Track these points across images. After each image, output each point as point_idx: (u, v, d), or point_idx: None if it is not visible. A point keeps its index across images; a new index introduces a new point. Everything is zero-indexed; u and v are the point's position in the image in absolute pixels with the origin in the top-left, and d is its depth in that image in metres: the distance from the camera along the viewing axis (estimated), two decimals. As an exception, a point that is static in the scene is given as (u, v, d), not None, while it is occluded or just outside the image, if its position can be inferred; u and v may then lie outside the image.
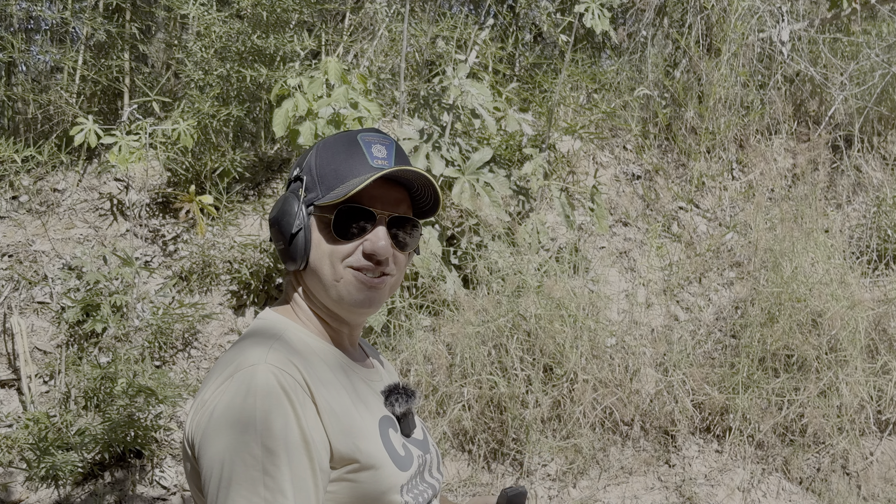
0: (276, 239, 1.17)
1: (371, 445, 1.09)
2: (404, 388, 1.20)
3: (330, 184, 1.14)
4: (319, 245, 1.15)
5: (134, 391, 3.30)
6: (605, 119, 4.89)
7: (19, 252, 3.90)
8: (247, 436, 0.99)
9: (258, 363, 1.03)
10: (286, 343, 1.10)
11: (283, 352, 1.07)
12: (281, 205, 1.16)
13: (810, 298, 3.95)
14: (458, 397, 3.62)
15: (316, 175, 1.15)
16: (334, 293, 1.15)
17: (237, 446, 0.99)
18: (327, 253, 1.14)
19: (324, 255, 1.15)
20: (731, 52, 4.81)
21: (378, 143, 1.17)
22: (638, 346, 3.89)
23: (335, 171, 1.14)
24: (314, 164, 1.16)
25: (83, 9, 4.34)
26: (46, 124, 4.43)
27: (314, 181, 1.15)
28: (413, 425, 1.22)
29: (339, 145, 1.16)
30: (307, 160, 1.17)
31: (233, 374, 1.03)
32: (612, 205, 4.64)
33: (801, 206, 4.51)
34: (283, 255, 1.17)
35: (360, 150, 1.15)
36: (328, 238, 1.14)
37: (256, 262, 3.97)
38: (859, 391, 3.82)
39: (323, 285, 1.16)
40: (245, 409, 1.00)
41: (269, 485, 0.98)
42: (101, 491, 3.38)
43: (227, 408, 1.01)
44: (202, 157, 4.15)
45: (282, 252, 1.17)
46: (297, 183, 1.17)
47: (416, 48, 4.87)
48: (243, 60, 4.16)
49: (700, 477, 3.78)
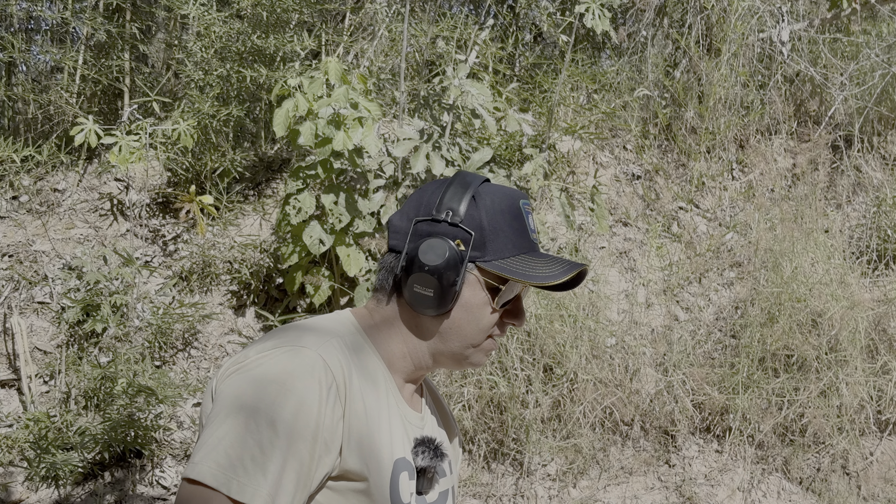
0: (426, 285, 1.12)
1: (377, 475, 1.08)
2: (436, 446, 1.18)
3: (499, 250, 1.13)
4: (474, 308, 1.14)
5: (134, 391, 3.30)
6: (605, 119, 4.90)
7: (19, 252, 3.90)
8: (262, 404, 0.99)
9: (310, 347, 1.04)
10: (347, 346, 1.10)
11: (339, 352, 1.07)
12: (444, 254, 1.11)
13: (810, 298, 3.95)
14: (458, 397, 3.63)
15: (487, 235, 1.13)
16: (461, 353, 1.17)
17: (248, 409, 0.99)
18: (479, 319, 1.15)
19: (474, 319, 1.14)
20: (731, 52, 4.81)
21: (530, 214, 1.19)
22: (638, 346, 3.89)
23: (506, 239, 1.14)
24: (485, 224, 1.13)
25: (83, 9, 4.34)
26: (46, 124, 4.43)
27: (483, 241, 1.13)
28: (430, 487, 1.19)
29: (506, 210, 1.15)
30: (471, 213, 1.13)
31: (282, 346, 1.04)
32: (612, 205, 4.65)
33: (801, 206, 4.51)
34: (423, 301, 1.13)
35: (522, 221, 1.17)
36: (486, 303, 1.14)
37: (256, 263, 3.97)
38: (859, 391, 3.82)
39: (455, 343, 1.16)
40: (275, 379, 1.01)
41: (257, 458, 0.98)
42: (101, 491, 3.38)
43: (259, 371, 1.02)
44: (202, 157, 4.15)
45: (425, 298, 1.13)
46: (456, 230, 1.13)
47: (416, 48, 4.87)
48: (243, 60, 4.16)
49: (700, 477, 3.78)
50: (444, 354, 1.17)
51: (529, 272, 1.12)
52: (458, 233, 1.13)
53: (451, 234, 1.13)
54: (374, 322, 1.18)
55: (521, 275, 1.12)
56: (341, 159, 3.51)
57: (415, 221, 1.15)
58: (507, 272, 1.12)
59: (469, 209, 1.13)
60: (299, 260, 3.58)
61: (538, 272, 1.13)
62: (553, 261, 1.15)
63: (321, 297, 3.58)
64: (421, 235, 1.14)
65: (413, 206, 1.17)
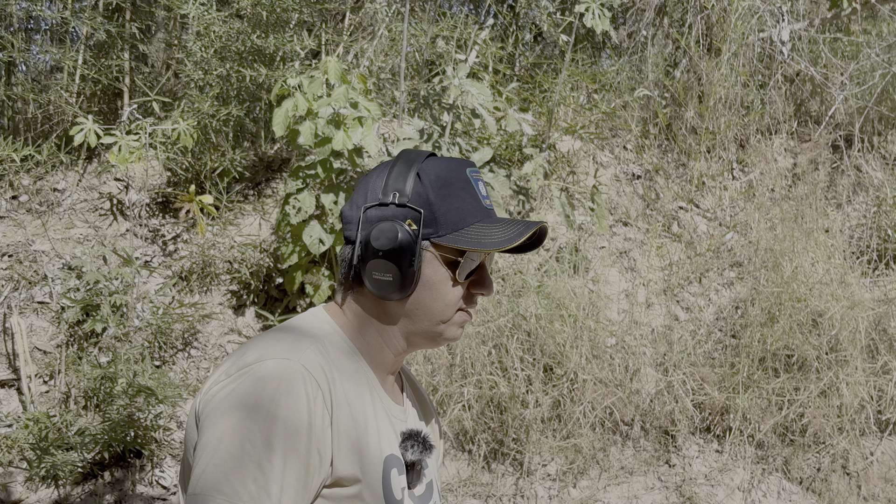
0: (383, 270, 1.11)
1: (370, 476, 1.08)
2: (423, 439, 1.19)
3: (452, 224, 1.12)
4: (436, 285, 1.13)
5: (134, 391, 3.30)
6: (605, 119, 4.89)
7: (19, 252, 3.90)
8: (253, 424, 0.99)
9: (291, 359, 1.03)
10: (324, 349, 1.09)
11: (319, 358, 1.06)
12: (396, 237, 1.10)
13: (810, 298, 3.94)
14: (458, 397, 3.62)
15: (437, 212, 1.11)
16: (434, 331, 1.15)
17: (241, 431, 0.99)
18: (444, 294, 1.13)
19: (439, 296, 1.13)
20: (732, 52, 4.81)
21: (480, 181, 1.17)
22: (638, 346, 3.88)
23: (458, 212, 1.12)
24: (433, 200, 1.11)
25: (83, 8, 4.34)
26: (46, 124, 4.43)
27: (433, 218, 1.11)
28: (419, 479, 1.20)
29: (452, 182, 1.14)
30: (417, 190, 1.12)
31: (262, 360, 1.03)
32: (613, 205, 4.64)
33: (801, 206, 4.51)
34: (384, 287, 1.12)
35: (472, 190, 1.15)
36: (448, 279, 1.13)
37: (256, 262, 3.97)
38: (859, 391, 3.82)
39: (424, 322, 1.15)
40: (262, 398, 1.00)
41: (259, 480, 0.98)
42: (100, 491, 3.38)
43: (245, 391, 1.01)
44: (202, 157, 4.15)
45: (383, 283, 1.12)
46: (404, 211, 1.11)
47: (416, 48, 4.87)
48: (243, 60, 4.16)
49: (700, 477, 3.78)
50: (416, 335, 1.16)
51: (485, 239, 1.11)
52: (408, 213, 1.11)
53: (400, 215, 1.11)
54: (347, 318, 1.18)
55: (476, 243, 1.11)
56: (341, 159, 3.50)
57: (364, 209, 1.13)
58: (463, 243, 1.11)
59: (415, 187, 1.12)
60: (299, 260, 3.58)
61: (494, 237, 1.11)
62: (509, 224, 1.14)
63: (321, 297, 3.58)
64: (371, 222, 1.12)
65: (361, 194, 1.16)
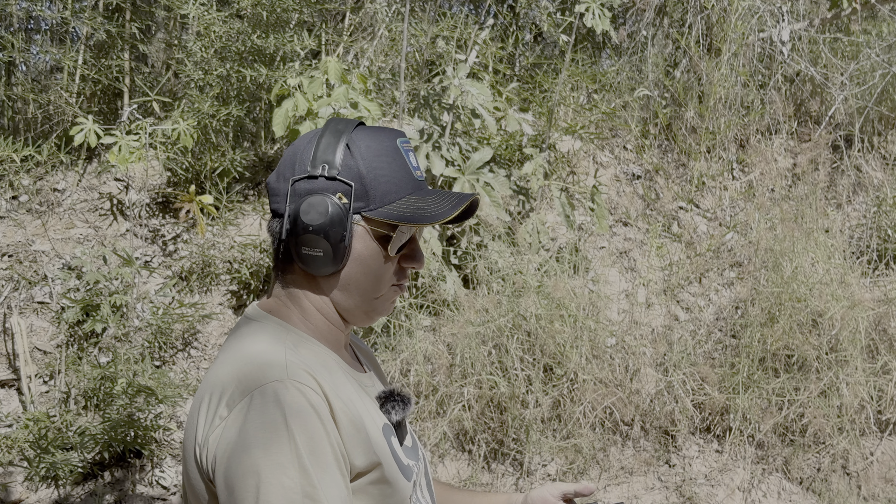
0: (313, 245, 1.08)
1: (383, 454, 1.08)
2: (400, 395, 1.17)
3: (383, 197, 1.09)
4: (367, 259, 1.10)
5: (134, 391, 3.30)
6: (605, 119, 4.89)
7: (19, 252, 3.90)
8: (281, 457, 0.96)
9: (281, 379, 1.00)
10: (297, 353, 1.07)
11: (300, 364, 1.03)
12: (326, 210, 1.07)
13: (810, 298, 3.94)
14: (458, 397, 3.62)
15: (368, 185, 1.09)
16: (367, 307, 1.13)
17: (273, 469, 0.95)
18: (375, 269, 1.11)
19: (370, 270, 1.11)
20: (732, 52, 4.81)
21: (411, 151, 1.14)
22: (638, 346, 3.88)
23: (389, 184, 1.09)
24: (364, 172, 1.08)
25: (83, 8, 4.34)
26: (46, 124, 4.43)
27: (364, 191, 1.08)
28: (406, 432, 1.20)
29: (383, 153, 1.10)
30: (346, 162, 1.09)
31: (253, 392, 0.99)
32: (613, 205, 4.64)
33: (801, 206, 4.51)
34: (315, 262, 1.09)
35: (403, 161, 1.12)
36: (379, 253, 1.11)
37: (256, 262, 3.96)
38: (859, 391, 3.82)
39: (357, 297, 1.12)
40: (277, 429, 0.97)
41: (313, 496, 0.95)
42: (100, 491, 3.38)
43: (254, 427, 0.97)
44: (202, 157, 4.15)
45: (314, 258, 1.09)
46: (334, 184, 1.08)
47: (416, 48, 4.87)
48: (243, 60, 4.16)
49: (700, 477, 3.78)
50: (348, 310, 1.14)
51: (418, 213, 1.08)
52: (338, 186, 1.08)
53: (330, 188, 1.08)
54: (287, 306, 1.14)
55: (409, 217, 1.08)
56: (341, 159, 3.50)
57: (291, 181, 1.09)
58: (395, 217, 1.08)
59: (345, 159, 1.09)
60: (299, 260, 3.58)
61: (427, 211, 1.08)
62: (441, 196, 1.11)
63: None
64: (300, 195, 1.09)
65: (288, 165, 1.11)
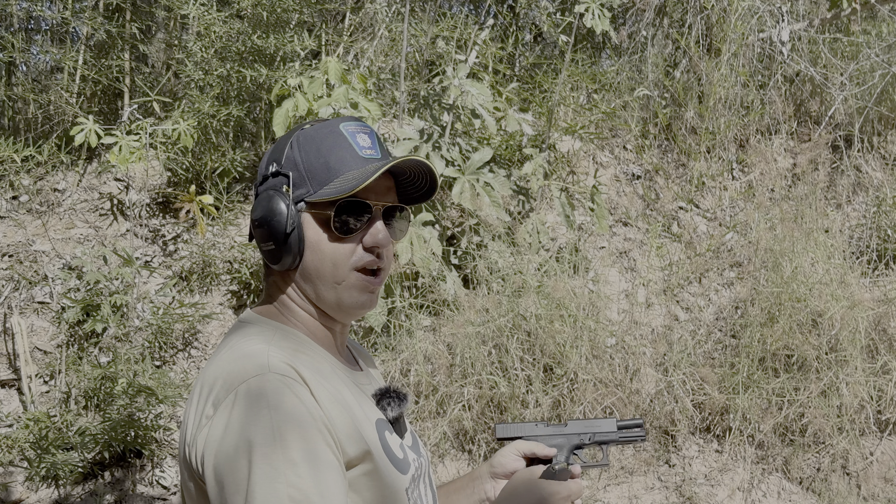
0: (264, 239, 1.11)
1: (374, 446, 1.08)
2: (396, 392, 1.17)
3: (321, 178, 1.10)
4: (318, 245, 1.11)
5: (134, 391, 3.30)
6: (605, 119, 4.90)
7: (19, 252, 3.90)
8: (268, 449, 0.96)
9: (263, 373, 1.00)
10: (282, 349, 1.06)
11: (283, 358, 1.03)
12: (267, 203, 1.10)
13: (810, 298, 3.95)
14: (458, 397, 3.62)
15: (304, 170, 1.10)
16: (333, 296, 1.12)
17: (260, 462, 0.96)
18: (328, 254, 1.11)
19: (324, 256, 1.11)
20: (731, 52, 4.81)
21: (360, 133, 1.14)
22: (638, 346, 3.89)
23: (325, 165, 1.10)
24: (300, 159, 1.11)
25: (83, 9, 4.34)
26: (46, 124, 4.43)
27: (302, 177, 1.10)
28: (405, 428, 1.20)
29: (322, 138, 1.12)
30: (288, 155, 1.11)
31: (237, 388, 0.99)
32: (612, 205, 4.64)
33: (801, 206, 4.51)
34: (273, 257, 1.12)
35: (346, 142, 1.12)
36: (328, 237, 1.11)
37: (256, 262, 3.97)
38: (859, 391, 3.82)
39: (321, 287, 1.12)
40: (261, 422, 0.97)
41: (295, 496, 0.95)
42: (100, 490, 3.38)
43: (241, 423, 0.97)
44: (202, 157, 4.15)
45: (271, 253, 1.12)
46: (278, 179, 1.11)
47: (416, 48, 4.87)
48: (243, 60, 4.16)
49: (700, 477, 3.78)
50: (321, 301, 1.13)
51: (347, 185, 1.08)
52: (281, 180, 1.11)
53: (277, 184, 1.11)
54: (276, 307, 1.16)
55: (338, 190, 1.08)
56: (341, 159, 3.50)
57: (255, 190, 1.16)
58: (327, 194, 1.08)
59: (287, 153, 1.11)
60: (299, 260, 3.58)
61: (355, 181, 1.07)
62: (383, 163, 1.09)
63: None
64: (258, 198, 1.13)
65: (259, 175, 1.17)
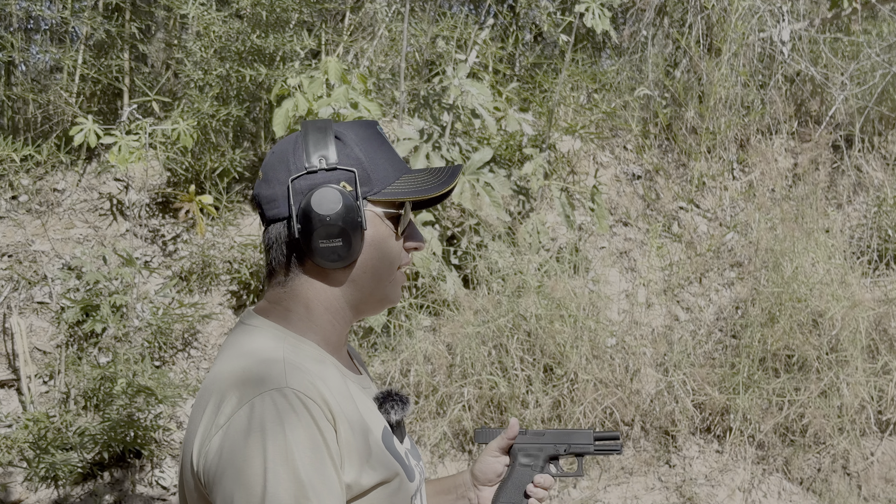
0: (333, 235, 1.05)
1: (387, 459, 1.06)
2: (398, 395, 1.16)
3: (384, 178, 1.10)
4: (380, 243, 1.10)
5: (134, 391, 3.29)
6: (605, 119, 4.89)
7: (19, 252, 3.90)
8: (279, 467, 0.94)
9: (280, 387, 0.97)
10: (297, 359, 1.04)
11: (302, 373, 1.01)
12: (340, 198, 1.05)
13: (811, 298, 3.94)
14: (458, 397, 3.62)
15: (368, 168, 1.09)
16: (381, 293, 1.13)
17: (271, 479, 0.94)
18: (388, 252, 1.11)
19: (385, 254, 1.10)
20: (732, 52, 4.81)
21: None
22: (638, 346, 3.88)
23: (387, 165, 1.11)
24: (362, 157, 1.09)
25: (83, 8, 4.34)
26: (46, 124, 4.42)
27: (367, 174, 1.08)
28: (404, 433, 1.18)
29: (371, 137, 1.12)
30: (342, 150, 1.09)
31: (252, 400, 0.97)
32: (613, 205, 4.64)
33: (801, 206, 4.50)
34: (335, 253, 1.06)
35: (388, 145, 1.14)
36: (391, 234, 1.11)
37: (256, 262, 3.96)
38: (860, 391, 3.82)
39: (374, 284, 1.11)
40: (276, 438, 0.95)
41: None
42: (100, 491, 3.37)
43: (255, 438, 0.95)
44: (202, 157, 4.14)
45: (335, 249, 1.06)
46: (336, 173, 1.07)
47: (416, 48, 4.87)
48: (243, 60, 4.16)
49: (700, 477, 3.77)
50: (363, 301, 1.12)
51: (421, 188, 1.10)
52: (340, 175, 1.07)
53: (333, 178, 1.07)
54: (288, 309, 1.11)
55: (414, 192, 1.09)
56: (341, 159, 3.50)
57: (290, 180, 1.07)
58: (402, 195, 1.09)
59: (339, 149, 1.08)
60: (299, 260, 3.57)
61: (427, 185, 1.10)
62: (431, 172, 1.13)
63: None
64: (302, 192, 1.07)
65: (278, 168, 1.09)
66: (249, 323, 1.11)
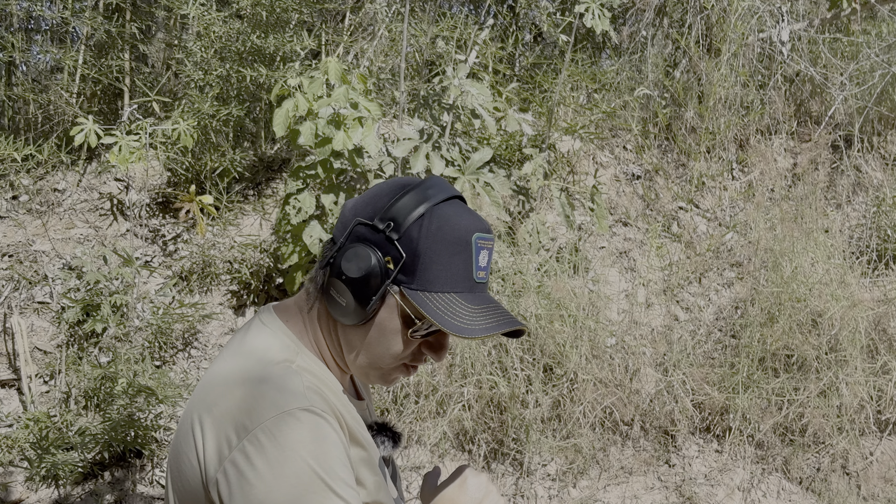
0: (341, 293, 1.04)
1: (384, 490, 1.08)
2: (391, 431, 1.15)
3: (428, 282, 1.02)
4: (387, 332, 1.05)
5: (134, 391, 3.30)
6: (605, 119, 4.90)
7: (19, 252, 3.90)
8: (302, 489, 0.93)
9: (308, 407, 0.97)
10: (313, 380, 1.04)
11: (319, 392, 1.01)
12: (368, 267, 1.02)
13: (810, 298, 3.95)
14: (458, 397, 3.63)
15: (419, 263, 1.01)
16: (369, 370, 1.09)
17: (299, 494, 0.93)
18: (393, 345, 1.06)
19: (385, 341, 1.06)
20: (731, 52, 4.81)
21: (485, 249, 1.06)
22: (638, 346, 3.89)
23: (440, 273, 1.02)
24: (421, 250, 1.01)
25: (83, 8, 4.34)
26: (46, 124, 4.43)
27: (413, 267, 1.02)
28: (395, 470, 1.19)
29: (453, 242, 1.02)
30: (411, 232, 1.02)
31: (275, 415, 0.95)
32: (612, 205, 4.65)
33: (801, 206, 4.51)
34: (337, 309, 1.05)
35: (470, 257, 1.04)
36: (403, 331, 1.05)
37: (256, 262, 3.97)
38: (859, 391, 3.82)
39: (363, 357, 1.08)
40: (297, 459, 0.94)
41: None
42: (101, 490, 3.38)
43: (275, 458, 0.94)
44: (202, 157, 4.15)
45: (338, 306, 1.05)
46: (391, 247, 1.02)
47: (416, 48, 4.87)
48: (243, 60, 4.16)
49: (700, 477, 3.78)
50: (352, 363, 1.09)
51: (450, 317, 1.00)
52: (392, 250, 1.02)
53: (384, 248, 1.02)
54: (305, 323, 1.11)
55: (439, 317, 1.00)
56: (341, 159, 3.51)
57: (356, 221, 1.05)
58: (427, 309, 1.01)
59: (411, 228, 1.02)
60: (299, 260, 3.59)
61: (460, 320, 1.01)
62: (486, 311, 1.04)
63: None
64: (356, 238, 1.04)
65: (365, 202, 1.07)
66: (266, 324, 1.11)
